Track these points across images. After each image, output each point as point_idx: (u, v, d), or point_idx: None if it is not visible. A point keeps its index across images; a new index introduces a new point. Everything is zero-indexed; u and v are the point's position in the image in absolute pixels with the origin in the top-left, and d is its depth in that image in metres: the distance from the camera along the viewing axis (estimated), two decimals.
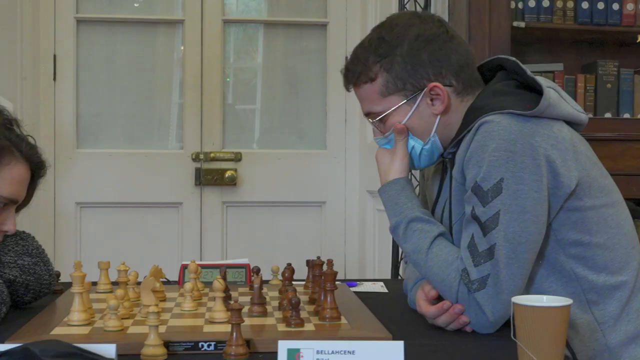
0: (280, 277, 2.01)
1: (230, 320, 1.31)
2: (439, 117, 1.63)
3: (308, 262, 1.88)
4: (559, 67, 3.22)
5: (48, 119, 3.72)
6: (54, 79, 3.73)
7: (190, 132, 3.81)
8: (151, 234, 3.79)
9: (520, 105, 1.52)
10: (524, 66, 1.60)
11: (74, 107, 3.76)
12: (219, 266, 2.00)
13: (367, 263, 3.76)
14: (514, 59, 1.63)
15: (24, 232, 1.80)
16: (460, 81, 1.63)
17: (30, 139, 1.72)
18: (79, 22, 3.77)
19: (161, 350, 1.31)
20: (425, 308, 1.56)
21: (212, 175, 3.80)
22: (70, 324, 1.47)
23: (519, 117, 1.50)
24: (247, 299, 1.72)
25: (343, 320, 1.51)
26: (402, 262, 3.30)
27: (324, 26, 3.92)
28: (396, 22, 1.64)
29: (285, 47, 3.97)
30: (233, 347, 1.31)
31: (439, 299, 1.56)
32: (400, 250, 3.29)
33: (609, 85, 3.22)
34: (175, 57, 3.87)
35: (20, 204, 1.71)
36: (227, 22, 3.88)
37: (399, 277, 3.28)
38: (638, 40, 3.20)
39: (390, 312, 1.70)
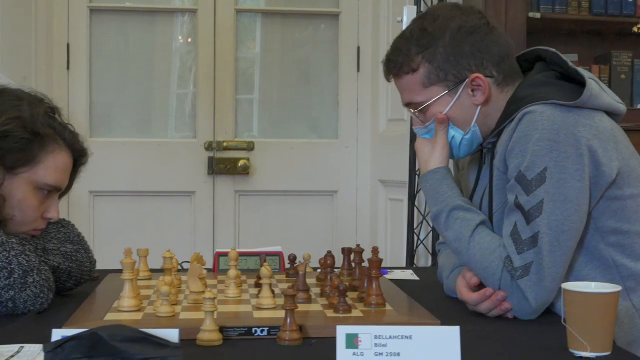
0: (311, 265, 2.04)
1: (285, 307, 1.34)
2: (479, 107, 1.66)
3: (344, 250, 1.90)
4: (573, 57, 3.26)
5: (61, 108, 3.70)
6: (68, 68, 3.74)
7: (203, 121, 3.82)
8: (164, 222, 3.80)
9: (562, 96, 1.54)
10: (564, 57, 1.63)
11: (87, 96, 3.77)
12: (252, 254, 2.02)
13: (379, 253, 3.78)
14: (554, 50, 1.66)
15: (64, 219, 1.82)
16: (501, 72, 1.66)
17: (70, 127, 1.74)
18: (93, 11, 3.77)
19: (217, 336, 1.33)
20: (468, 295, 1.58)
21: (224, 165, 3.81)
22: (121, 310, 1.49)
23: (562, 108, 1.53)
24: (284, 286, 1.75)
25: (388, 307, 1.53)
26: (416, 250, 3.34)
27: (336, 16, 3.93)
28: (438, 13, 1.67)
29: (297, 37, 3.99)
30: (287, 332, 1.34)
31: (480, 286, 1.59)
32: (415, 240, 3.33)
33: (623, 76, 3.25)
34: (188, 46, 3.88)
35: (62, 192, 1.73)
36: (239, 12, 3.88)
37: (414, 266, 3.31)
38: (637, 30, 3.22)
39: (426, 299, 1.71)
